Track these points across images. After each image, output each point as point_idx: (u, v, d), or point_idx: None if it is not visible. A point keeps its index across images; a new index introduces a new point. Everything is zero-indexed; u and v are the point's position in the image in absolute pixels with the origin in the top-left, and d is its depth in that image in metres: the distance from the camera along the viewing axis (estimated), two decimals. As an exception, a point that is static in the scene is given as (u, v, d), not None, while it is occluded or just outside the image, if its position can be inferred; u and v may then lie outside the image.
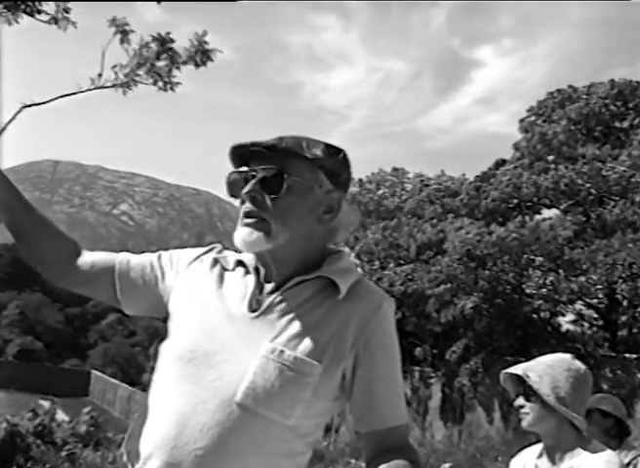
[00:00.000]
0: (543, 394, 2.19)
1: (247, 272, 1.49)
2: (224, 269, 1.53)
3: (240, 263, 1.52)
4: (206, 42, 8.79)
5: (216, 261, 1.55)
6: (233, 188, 1.48)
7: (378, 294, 1.46)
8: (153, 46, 8.74)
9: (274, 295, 1.43)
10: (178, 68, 8.89)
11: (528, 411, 2.23)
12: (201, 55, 8.80)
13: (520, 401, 2.26)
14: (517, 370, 2.26)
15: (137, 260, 1.61)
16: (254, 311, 1.42)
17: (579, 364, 2.28)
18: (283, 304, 1.42)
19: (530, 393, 2.23)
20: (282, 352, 1.36)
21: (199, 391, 1.36)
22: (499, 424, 17.39)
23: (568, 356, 2.31)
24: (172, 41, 8.78)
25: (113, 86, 8.92)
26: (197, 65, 8.86)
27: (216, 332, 1.41)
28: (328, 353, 1.38)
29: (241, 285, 1.48)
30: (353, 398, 1.42)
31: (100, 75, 8.88)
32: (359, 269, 21.56)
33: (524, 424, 2.25)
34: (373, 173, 23.56)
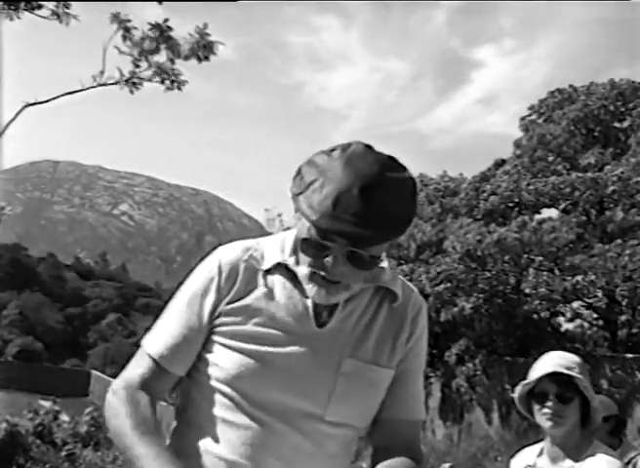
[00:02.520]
0: (591, 397, 2.19)
1: (293, 277, 1.38)
2: (265, 272, 1.41)
3: (279, 265, 1.40)
4: (208, 34, 8.68)
5: (247, 268, 1.41)
6: (309, 247, 1.32)
7: (417, 295, 1.51)
8: (150, 34, 8.59)
9: (340, 307, 1.39)
10: (179, 57, 8.76)
11: (564, 416, 2.17)
12: (203, 49, 8.71)
13: (555, 404, 2.18)
14: (567, 371, 2.18)
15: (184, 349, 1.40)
16: (320, 324, 1.38)
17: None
18: (349, 315, 1.40)
19: (571, 396, 2.19)
20: (364, 367, 1.38)
21: (284, 413, 1.34)
22: (498, 424, 17.39)
23: (566, 353, 2.31)
24: (170, 29, 8.66)
25: (116, 83, 8.84)
26: (200, 60, 8.76)
27: (288, 352, 1.35)
28: (395, 358, 1.43)
29: (295, 294, 1.38)
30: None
31: (102, 72, 8.81)
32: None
33: (556, 427, 2.19)
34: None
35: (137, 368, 1.40)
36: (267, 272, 1.40)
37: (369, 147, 1.32)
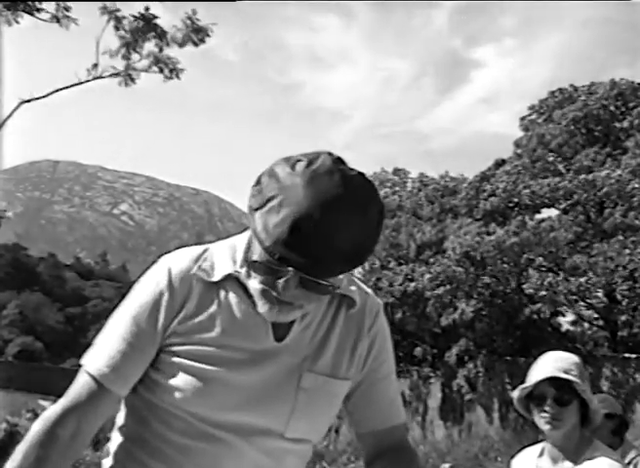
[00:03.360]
0: (589, 400, 2.19)
1: (246, 290, 1.29)
2: (217, 285, 1.31)
3: (231, 277, 1.30)
4: (198, 19, 8.69)
5: (199, 281, 1.30)
6: (260, 268, 1.22)
7: (374, 298, 1.45)
8: (136, 24, 8.53)
9: (298, 319, 1.31)
10: (168, 46, 8.74)
11: (563, 418, 2.17)
12: (196, 33, 8.71)
13: (553, 407, 2.18)
14: (565, 375, 2.17)
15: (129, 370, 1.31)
16: (278, 338, 1.31)
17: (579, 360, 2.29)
18: (307, 326, 1.34)
19: (569, 398, 2.18)
20: (323, 381, 1.34)
21: (243, 432, 1.29)
22: (498, 424, 17.39)
23: (565, 353, 2.31)
24: (154, 17, 8.62)
25: (112, 75, 8.81)
26: (196, 44, 8.75)
27: (247, 371, 1.29)
28: (354, 367, 1.39)
29: (250, 309, 1.29)
30: (356, 399, 1.42)
31: (95, 65, 8.77)
32: (359, 268, 21.59)
33: (555, 430, 2.19)
34: (375, 172, 23.47)
35: (77, 388, 1.29)
36: (219, 285, 1.30)
37: (338, 161, 1.19)
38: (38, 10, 8.05)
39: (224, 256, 1.32)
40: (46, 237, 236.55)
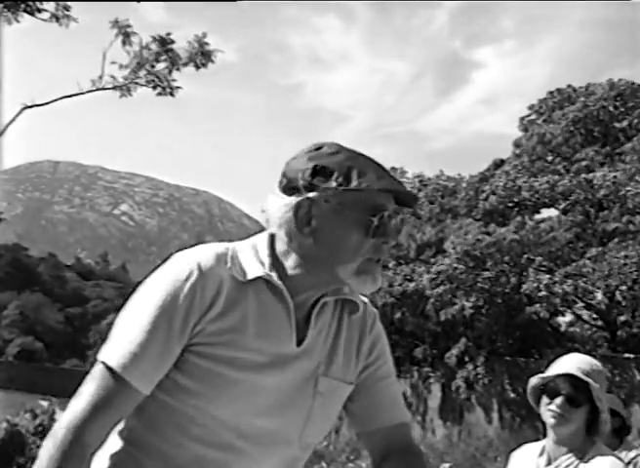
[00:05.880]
0: (601, 409, 2.17)
1: (275, 292, 1.29)
2: (246, 286, 1.27)
3: (259, 279, 1.28)
4: (206, 43, 8.79)
5: (229, 280, 1.26)
6: (373, 227, 1.27)
7: (369, 304, 1.48)
8: (153, 47, 8.74)
9: (312, 323, 1.33)
10: (178, 70, 8.88)
11: (569, 418, 2.17)
12: (201, 56, 8.81)
13: (563, 404, 2.17)
14: (584, 377, 2.16)
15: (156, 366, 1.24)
16: (298, 343, 1.31)
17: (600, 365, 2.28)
18: (319, 331, 1.35)
19: (582, 401, 2.17)
20: (337, 385, 1.36)
21: (262, 439, 1.30)
22: (497, 424, 17.39)
23: (590, 358, 2.29)
24: (172, 42, 8.78)
25: (114, 88, 8.91)
26: (197, 67, 8.87)
27: (271, 376, 1.28)
28: (357, 371, 1.42)
29: (278, 312, 1.29)
30: (362, 398, 1.43)
31: (100, 77, 8.87)
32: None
33: (558, 426, 2.19)
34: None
35: (97, 387, 1.20)
36: (248, 285, 1.27)
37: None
38: (39, 10, 8.08)
39: (250, 257, 1.30)
40: (46, 237, 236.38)
